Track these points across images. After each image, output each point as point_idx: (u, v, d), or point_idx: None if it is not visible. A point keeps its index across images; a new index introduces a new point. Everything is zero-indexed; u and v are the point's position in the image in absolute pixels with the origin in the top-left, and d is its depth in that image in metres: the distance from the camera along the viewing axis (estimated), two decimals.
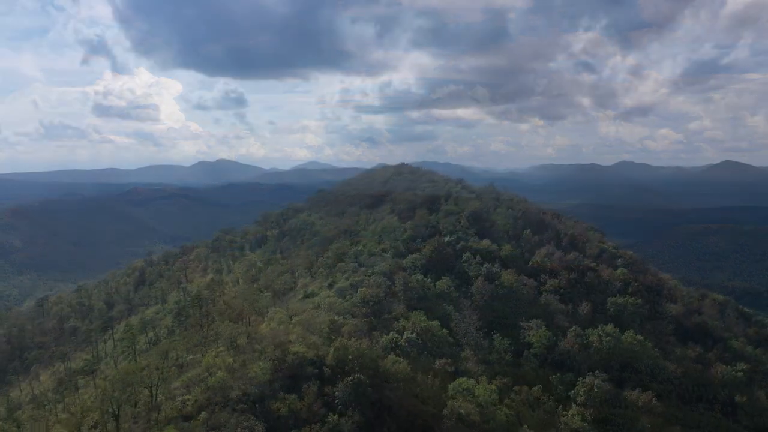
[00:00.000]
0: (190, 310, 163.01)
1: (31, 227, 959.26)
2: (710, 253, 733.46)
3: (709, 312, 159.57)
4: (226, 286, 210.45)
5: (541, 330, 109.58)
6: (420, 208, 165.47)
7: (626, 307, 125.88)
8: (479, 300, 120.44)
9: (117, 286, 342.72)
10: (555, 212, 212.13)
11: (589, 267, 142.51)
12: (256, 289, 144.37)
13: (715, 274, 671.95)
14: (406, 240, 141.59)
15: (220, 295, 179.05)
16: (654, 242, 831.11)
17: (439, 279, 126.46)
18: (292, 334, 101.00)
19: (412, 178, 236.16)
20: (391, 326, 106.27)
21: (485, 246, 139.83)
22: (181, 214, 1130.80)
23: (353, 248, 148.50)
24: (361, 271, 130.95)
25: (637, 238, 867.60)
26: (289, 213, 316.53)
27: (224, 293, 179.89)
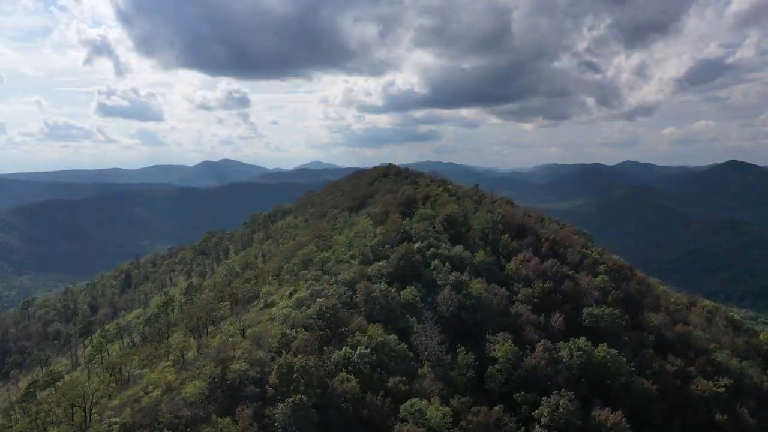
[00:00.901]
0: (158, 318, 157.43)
1: (31, 227, 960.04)
2: (713, 253, 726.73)
3: (696, 321, 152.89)
4: (204, 291, 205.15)
5: (507, 344, 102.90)
6: (394, 212, 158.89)
7: (602, 318, 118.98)
8: (445, 311, 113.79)
9: (103, 289, 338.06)
10: (540, 215, 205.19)
11: (566, 274, 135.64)
12: (217, 297, 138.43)
13: (717, 275, 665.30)
14: (374, 246, 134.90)
15: (190, 302, 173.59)
16: (656, 242, 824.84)
17: (405, 288, 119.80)
18: (239, 348, 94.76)
19: (396, 180, 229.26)
20: (345, 340, 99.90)
21: (457, 252, 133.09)
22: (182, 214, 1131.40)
23: (320, 254, 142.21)
24: (324, 280, 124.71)
25: (639, 238, 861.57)
26: (277, 214, 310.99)
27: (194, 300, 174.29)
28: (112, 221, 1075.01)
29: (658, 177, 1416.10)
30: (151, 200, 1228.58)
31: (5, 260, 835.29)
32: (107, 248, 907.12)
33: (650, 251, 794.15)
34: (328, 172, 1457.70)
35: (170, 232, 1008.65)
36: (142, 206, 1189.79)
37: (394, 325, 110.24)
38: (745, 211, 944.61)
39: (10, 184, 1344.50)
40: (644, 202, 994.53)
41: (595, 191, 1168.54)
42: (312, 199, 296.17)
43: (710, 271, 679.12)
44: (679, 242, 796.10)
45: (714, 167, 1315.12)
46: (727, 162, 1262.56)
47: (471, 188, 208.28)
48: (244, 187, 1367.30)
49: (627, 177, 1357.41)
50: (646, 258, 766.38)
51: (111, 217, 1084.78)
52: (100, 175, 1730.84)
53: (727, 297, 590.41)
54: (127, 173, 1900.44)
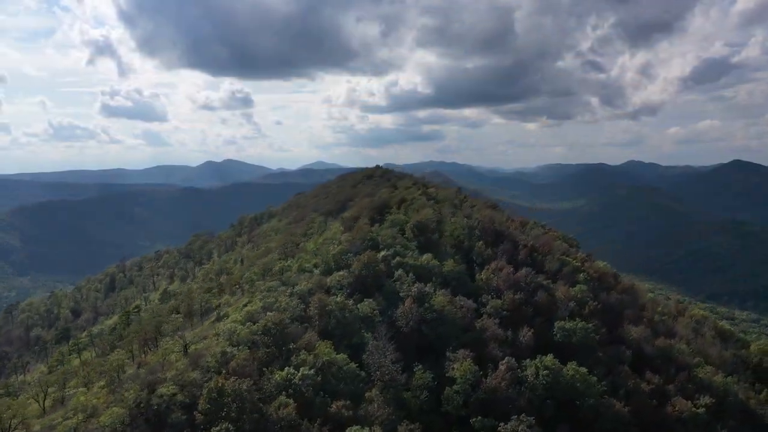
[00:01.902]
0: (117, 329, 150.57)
1: (31, 228, 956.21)
2: (716, 253, 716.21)
3: (682, 332, 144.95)
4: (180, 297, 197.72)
5: (466, 363, 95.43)
6: (364, 218, 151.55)
7: (574, 333, 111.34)
8: (404, 325, 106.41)
9: (87, 293, 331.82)
10: (524, 219, 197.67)
11: (540, 285, 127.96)
12: (172, 308, 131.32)
13: (720, 276, 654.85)
14: (336, 255, 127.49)
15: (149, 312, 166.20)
16: (659, 242, 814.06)
17: (364, 301, 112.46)
18: (172, 369, 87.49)
19: (379, 182, 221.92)
20: (290, 359, 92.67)
21: (425, 261, 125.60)
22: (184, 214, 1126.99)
23: (281, 263, 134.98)
24: (280, 291, 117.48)
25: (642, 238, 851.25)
26: (264, 217, 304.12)
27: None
28: (113, 222, 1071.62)
29: (663, 177, 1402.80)
30: (152, 200, 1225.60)
31: (5, 261, 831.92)
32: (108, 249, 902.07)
33: (652, 252, 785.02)
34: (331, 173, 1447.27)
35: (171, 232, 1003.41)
36: (144, 207, 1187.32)
37: (349, 341, 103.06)
38: (749, 211, 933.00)
39: (13, 185, 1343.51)
40: (647, 202, 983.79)
41: (598, 191, 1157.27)
42: (298, 202, 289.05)
43: (712, 272, 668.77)
44: (682, 242, 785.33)
45: (718, 167, 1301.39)
46: (732, 162, 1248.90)
47: (453, 190, 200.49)
48: (247, 187, 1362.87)
49: (631, 177, 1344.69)
50: (648, 258, 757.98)
51: (112, 218, 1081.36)
52: (103, 175, 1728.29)
53: (730, 298, 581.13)
54: (130, 173, 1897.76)
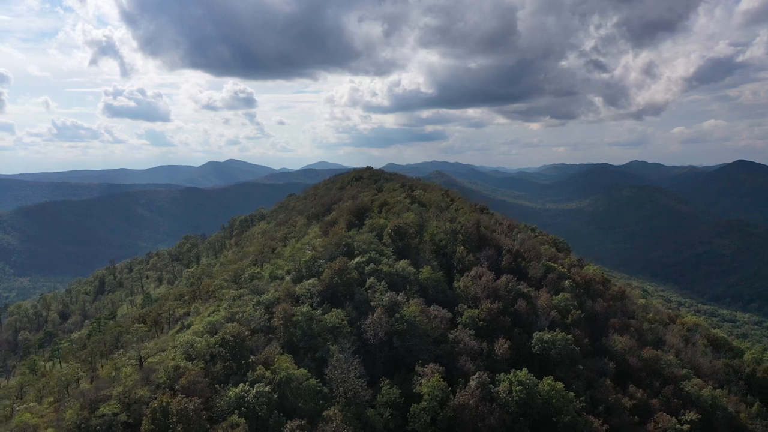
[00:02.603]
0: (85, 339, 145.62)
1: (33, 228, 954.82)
2: (720, 254, 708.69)
3: (672, 341, 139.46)
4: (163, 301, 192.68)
5: (434, 378, 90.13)
6: (341, 222, 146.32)
7: (553, 345, 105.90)
8: (372, 337, 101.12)
9: (76, 296, 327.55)
10: (515, 222, 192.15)
11: (521, 293, 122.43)
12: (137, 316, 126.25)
13: (723, 277, 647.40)
14: (309, 261, 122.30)
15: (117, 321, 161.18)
16: (662, 243, 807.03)
17: (332, 311, 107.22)
18: (121, 385, 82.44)
19: (366, 184, 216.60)
20: (246, 375, 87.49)
21: (401, 268, 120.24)
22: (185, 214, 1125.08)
23: (252, 269, 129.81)
24: (247, 299, 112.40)
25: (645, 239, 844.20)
26: (255, 219, 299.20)
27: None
28: (115, 222, 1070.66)
29: (666, 177, 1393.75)
30: (154, 201, 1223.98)
31: (6, 261, 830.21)
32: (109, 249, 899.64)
33: (656, 252, 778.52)
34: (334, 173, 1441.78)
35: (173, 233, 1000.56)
36: (146, 207, 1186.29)
37: (314, 355, 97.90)
38: (753, 212, 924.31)
39: (16, 185, 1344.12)
40: (651, 203, 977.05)
41: (602, 191, 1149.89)
42: (288, 204, 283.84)
43: (716, 273, 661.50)
44: (686, 243, 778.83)
45: (723, 167, 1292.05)
46: (736, 162, 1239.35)
47: (441, 193, 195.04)
48: (249, 187, 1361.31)
49: (635, 177, 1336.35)
50: (651, 259, 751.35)
51: (114, 218, 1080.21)
52: (106, 175, 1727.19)
53: (733, 300, 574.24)
54: (133, 173, 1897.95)
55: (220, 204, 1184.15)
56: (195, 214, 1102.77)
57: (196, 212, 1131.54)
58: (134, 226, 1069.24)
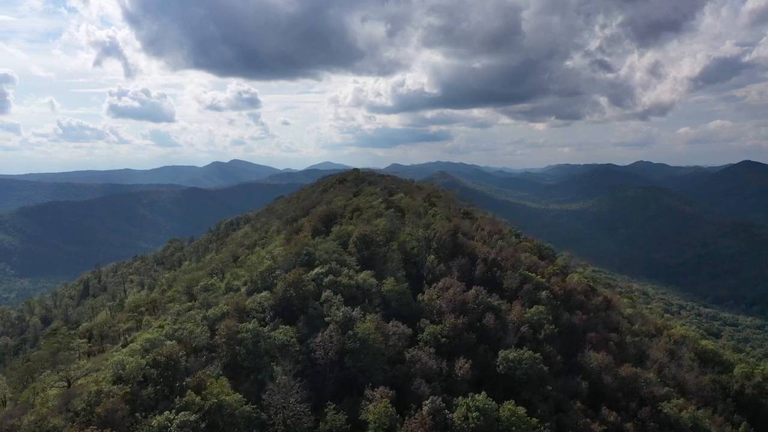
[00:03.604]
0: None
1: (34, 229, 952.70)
2: (723, 256, 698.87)
3: (656, 355, 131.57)
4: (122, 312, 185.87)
5: (381, 404, 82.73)
6: (307, 228, 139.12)
7: (520, 364, 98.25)
8: (322, 357, 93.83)
9: (61, 300, 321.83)
10: (499, 226, 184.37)
11: (491, 306, 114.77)
12: (85, 330, 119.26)
13: (726, 279, 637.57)
14: (264, 272, 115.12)
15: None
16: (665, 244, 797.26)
17: (289, 326, 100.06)
18: (33, 413, 75.28)
19: (348, 187, 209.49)
20: (174, 401, 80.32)
21: (362, 280, 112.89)
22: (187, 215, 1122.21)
23: (207, 280, 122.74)
24: (194, 313, 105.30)
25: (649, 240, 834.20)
26: (240, 221, 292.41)
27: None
28: (116, 222, 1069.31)
29: (671, 177, 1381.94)
30: (156, 201, 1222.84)
31: (7, 262, 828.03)
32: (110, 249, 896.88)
33: (658, 254, 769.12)
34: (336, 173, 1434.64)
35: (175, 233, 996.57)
36: (148, 207, 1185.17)
37: (257, 376, 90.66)
38: (758, 212, 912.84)
39: (19, 185, 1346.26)
40: (655, 203, 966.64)
41: (606, 192, 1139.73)
42: (272, 207, 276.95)
43: (719, 275, 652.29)
44: (689, 244, 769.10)
45: (728, 167, 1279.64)
46: (742, 162, 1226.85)
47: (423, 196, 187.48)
48: (252, 187, 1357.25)
49: (639, 177, 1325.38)
50: (653, 261, 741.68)
51: (116, 218, 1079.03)
52: (110, 176, 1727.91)
53: (736, 303, 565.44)
54: (137, 174, 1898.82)
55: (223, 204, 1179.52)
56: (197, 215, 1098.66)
57: (199, 213, 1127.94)
58: (136, 226, 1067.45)
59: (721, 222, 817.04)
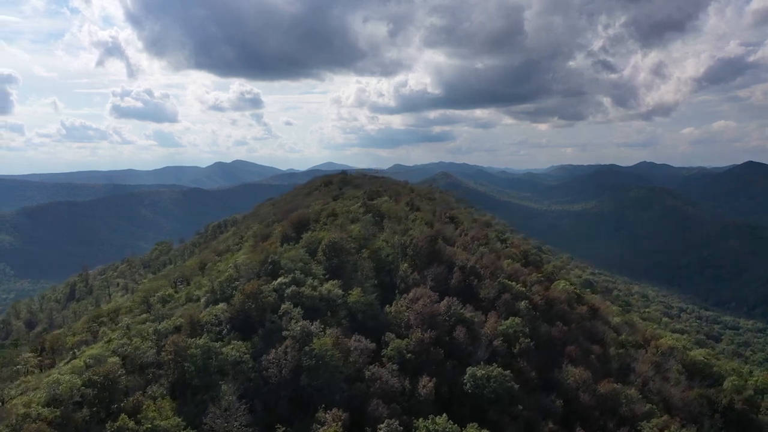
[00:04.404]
0: None
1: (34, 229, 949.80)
2: (725, 257, 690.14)
3: (641, 369, 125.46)
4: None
5: (332, 427, 76.94)
6: (274, 235, 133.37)
7: (488, 382, 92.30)
8: (275, 375, 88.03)
9: (47, 304, 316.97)
10: (484, 231, 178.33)
11: (462, 318, 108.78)
12: (35, 344, 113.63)
13: (728, 281, 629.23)
14: (224, 282, 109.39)
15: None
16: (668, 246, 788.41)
17: (244, 341, 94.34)
18: None
19: (331, 190, 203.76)
20: (106, 426, 74.61)
21: (326, 291, 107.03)
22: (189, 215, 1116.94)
23: (166, 289, 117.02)
24: (145, 327, 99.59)
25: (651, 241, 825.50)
26: (227, 224, 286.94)
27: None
28: (117, 222, 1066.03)
29: (675, 178, 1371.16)
30: (158, 201, 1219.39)
31: (7, 263, 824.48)
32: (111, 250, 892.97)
33: (660, 255, 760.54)
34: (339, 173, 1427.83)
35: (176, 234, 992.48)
36: (149, 207, 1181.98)
37: (205, 396, 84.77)
38: (762, 213, 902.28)
39: (22, 185, 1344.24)
40: (658, 204, 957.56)
41: (609, 192, 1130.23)
42: (258, 210, 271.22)
43: (721, 277, 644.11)
44: (691, 246, 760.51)
45: (731, 168, 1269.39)
46: (746, 163, 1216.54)
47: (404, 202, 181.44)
48: (254, 188, 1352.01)
49: (642, 178, 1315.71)
50: (655, 263, 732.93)
51: (117, 219, 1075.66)
52: (112, 176, 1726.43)
53: (738, 305, 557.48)
54: (139, 174, 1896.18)
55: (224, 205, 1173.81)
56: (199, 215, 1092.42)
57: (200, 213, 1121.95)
58: (137, 226, 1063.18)
59: (723, 223, 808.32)
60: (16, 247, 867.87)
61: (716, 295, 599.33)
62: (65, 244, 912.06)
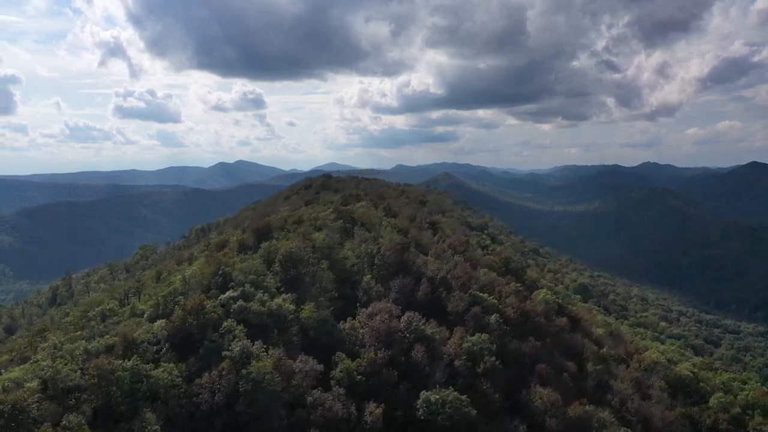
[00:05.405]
0: None
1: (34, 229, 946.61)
2: (727, 258, 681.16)
3: (620, 387, 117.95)
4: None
5: None
6: (232, 243, 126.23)
7: (443, 407, 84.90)
8: (208, 400, 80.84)
9: (29, 309, 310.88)
10: (464, 237, 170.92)
11: (423, 335, 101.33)
12: None
13: (730, 283, 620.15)
14: (168, 296, 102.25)
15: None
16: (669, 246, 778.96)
17: (181, 362, 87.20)
18: None
19: (310, 193, 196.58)
20: None
21: (276, 306, 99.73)
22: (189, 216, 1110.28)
23: (107, 304, 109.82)
24: (74, 346, 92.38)
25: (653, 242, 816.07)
26: (211, 227, 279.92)
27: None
28: (117, 223, 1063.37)
29: (678, 178, 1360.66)
30: (158, 202, 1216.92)
31: (6, 263, 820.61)
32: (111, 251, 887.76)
33: (661, 256, 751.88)
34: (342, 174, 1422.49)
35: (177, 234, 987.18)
36: (149, 208, 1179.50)
37: (128, 425, 77.68)
38: (765, 214, 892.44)
39: (23, 186, 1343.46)
40: (660, 205, 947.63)
41: (612, 193, 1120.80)
42: (240, 214, 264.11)
43: (722, 278, 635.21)
44: (692, 246, 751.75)
45: (735, 168, 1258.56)
46: (750, 163, 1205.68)
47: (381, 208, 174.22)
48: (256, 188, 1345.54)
49: (646, 178, 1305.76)
50: (656, 264, 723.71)
51: (117, 219, 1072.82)
52: (115, 176, 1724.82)
53: (739, 308, 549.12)
54: (142, 174, 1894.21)
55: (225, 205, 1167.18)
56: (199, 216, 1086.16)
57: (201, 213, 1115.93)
58: (138, 227, 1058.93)
59: (724, 223, 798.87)
60: (16, 248, 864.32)
61: (717, 296, 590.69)
62: (65, 245, 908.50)
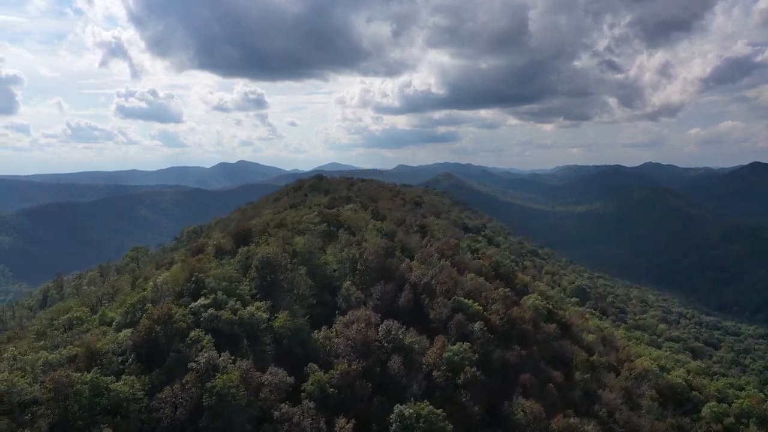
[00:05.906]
0: None
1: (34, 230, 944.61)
2: (728, 260, 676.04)
3: (608, 397, 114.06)
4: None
5: None
6: (209, 248, 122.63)
7: (418, 422, 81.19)
8: (169, 416, 77.17)
9: (20, 311, 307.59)
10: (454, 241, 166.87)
11: (401, 345, 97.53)
12: None
13: (731, 284, 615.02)
14: (137, 304, 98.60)
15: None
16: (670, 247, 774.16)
17: (142, 375, 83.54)
18: None
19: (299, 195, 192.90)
20: None
21: (248, 314, 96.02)
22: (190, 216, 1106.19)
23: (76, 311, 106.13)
24: (37, 357, 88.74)
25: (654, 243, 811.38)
26: (203, 229, 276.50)
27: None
28: (118, 223, 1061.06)
29: (680, 179, 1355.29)
30: (158, 202, 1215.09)
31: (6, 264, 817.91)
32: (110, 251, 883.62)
33: (662, 257, 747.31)
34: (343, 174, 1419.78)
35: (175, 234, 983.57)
36: (150, 208, 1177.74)
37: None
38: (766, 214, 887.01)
39: (24, 186, 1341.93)
40: (661, 205, 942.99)
41: (614, 193, 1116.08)
42: (230, 216, 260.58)
43: (723, 279, 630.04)
44: (693, 247, 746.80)
45: (737, 169, 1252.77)
46: (752, 164, 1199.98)
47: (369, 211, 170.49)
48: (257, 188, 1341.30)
49: (647, 179, 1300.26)
50: (656, 264, 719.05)
51: (117, 220, 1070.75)
52: (116, 176, 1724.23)
53: (740, 309, 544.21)
54: (143, 174, 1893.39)
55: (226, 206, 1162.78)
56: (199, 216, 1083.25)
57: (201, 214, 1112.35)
58: (138, 227, 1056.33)
59: (726, 224, 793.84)
60: (16, 248, 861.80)
61: (718, 297, 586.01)
62: (65, 245, 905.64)
